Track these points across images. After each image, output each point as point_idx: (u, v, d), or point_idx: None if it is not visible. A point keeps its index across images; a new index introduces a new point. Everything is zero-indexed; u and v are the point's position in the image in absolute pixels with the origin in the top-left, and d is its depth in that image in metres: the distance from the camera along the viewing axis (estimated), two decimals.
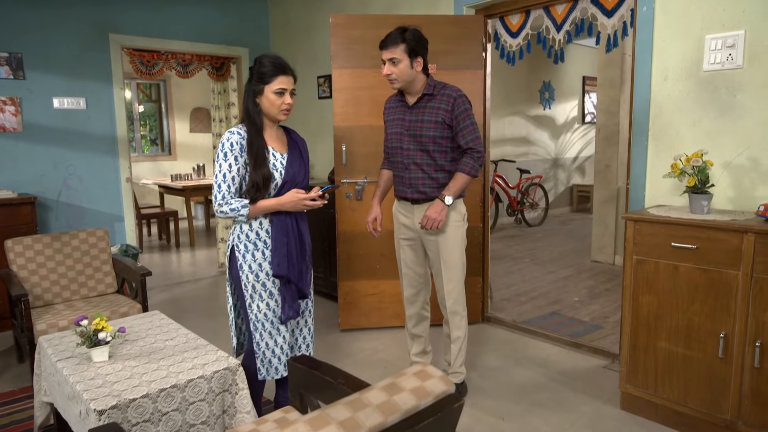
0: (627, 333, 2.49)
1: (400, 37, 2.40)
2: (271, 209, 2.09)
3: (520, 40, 3.45)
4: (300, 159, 2.18)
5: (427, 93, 2.51)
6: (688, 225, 2.23)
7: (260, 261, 2.13)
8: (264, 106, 2.08)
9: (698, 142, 2.55)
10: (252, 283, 2.14)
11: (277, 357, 2.18)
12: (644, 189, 2.76)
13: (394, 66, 2.43)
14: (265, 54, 2.10)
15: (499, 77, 7.22)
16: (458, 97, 2.48)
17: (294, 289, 2.16)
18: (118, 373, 1.95)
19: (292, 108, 2.12)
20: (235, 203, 2.04)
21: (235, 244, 2.14)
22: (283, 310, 2.14)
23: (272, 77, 2.04)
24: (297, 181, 2.14)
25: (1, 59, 3.95)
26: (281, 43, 5.24)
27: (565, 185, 8.84)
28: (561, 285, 4.69)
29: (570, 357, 3.19)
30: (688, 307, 2.27)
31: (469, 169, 2.48)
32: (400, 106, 2.59)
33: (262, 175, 2.03)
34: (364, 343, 3.47)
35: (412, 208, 2.61)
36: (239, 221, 2.11)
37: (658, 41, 2.65)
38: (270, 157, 2.09)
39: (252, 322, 2.16)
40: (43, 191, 4.20)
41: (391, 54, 2.42)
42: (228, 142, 2.04)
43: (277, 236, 2.10)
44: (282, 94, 2.07)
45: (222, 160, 2.03)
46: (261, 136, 2.08)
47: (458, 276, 2.62)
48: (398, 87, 2.50)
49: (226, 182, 2.04)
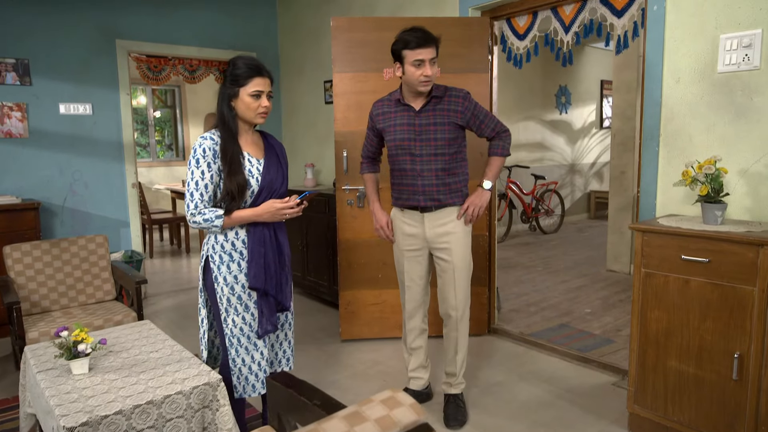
0: (635, 350, 2.34)
1: (435, 37, 2.32)
2: (247, 220, 2.00)
3: (527, 42, 3.33)
4: (277, 164, 2.09)
5: (436, 95, 2.42)
6: (699, 237, 2.09)
7: (236, 273, 2.03)
8: (239, 110, 1.99)
9: (712, 147, 2.40)
10: (227, 296, 2.04)
11: (254, 374, 2.08)
12: (655, 197, 2.61)
13: (434, 66, 2.34)
14: (239, 56, 2.01)
15: (512, 81, 7.08)
16: (466, 95, 2.46)
17: (272, 302, 2.07)
18: (96, 387, 1.89)
19: (269, 111, 2.03)
20: (208, 213, 1.95)
21: (209, 255, 2.05)
22: (260, 324, 2.05)
23: (247, 79, 1.95)
24: (274, 187, 2.05)
25: (8, 65, 3.97)
26: (289, 47, 5.20)
27: (583, 191, 8.63)
28: (573, 295, 4.52)
29: (578, 373, 3.05)
30: (700, 325, 2.13)
31: (500, 151, 2.49)
32: (404, 110, 2.46)
33: (237, 183, 1.93)
34: (365, 354, 3.37)
35: (422, 217, 2.50)
36: (213, 232, 2.02)
37: (669, 41, 2.51)
38: (245, 163, 1.99)
39: (227, 337, 2.06)
40: (49, 197, 4.21)
41: (433, 53, 2.31)
42: (200, 148, 1.94)
43: (253, 247, 2.01)
44: (258, 96, 1.97)
45: (194, 167, 1.94)
46: (236, 142, 1.98)
47: (467, 283, 2.57)
48: (427, 89, 2.38)
49: (198, 190, 1.94)
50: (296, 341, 3.60)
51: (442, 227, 2.48)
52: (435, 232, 2.49)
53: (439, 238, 2.49)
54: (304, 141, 5.15)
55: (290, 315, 2.24)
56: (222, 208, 1.98)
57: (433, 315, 3.47)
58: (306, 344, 3.56)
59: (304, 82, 5.04)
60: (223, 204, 1.99)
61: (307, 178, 4.66)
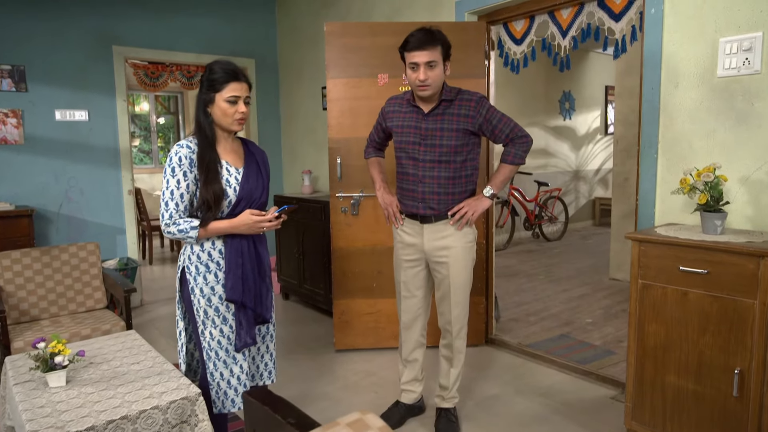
0: (632, 364, 2.26)
1: (437, 39, 2.19)
2: (224, 232, 1.93)
3: (524, 47, 3.27)
4: (257, 173, 2.02)
5: (446, 99, 2.30)
6: (697, 247, 2.01)
7: (212, 284, 1.97)
8: (216, 116, 1.92)
9: (713, 154, 2.32)
10: (204, 308, 1.97)
11: (233, 388, 2.01)
12: (654, 206, 2.53)
13: (431, 70, 2.19)
14: (216, 60, 1.94)
15: (515, 87, 7.02)
16: (479, 99, 2.31)
17: (250, 314, 2.00)
18: (71, 401, 1.83)
19: (246, 117, 1.96)
20: (183, 224, 1.89)
21: (185, 266, 1.99)
22: (238, 337, 1.98)
23: (223, 84, 1.88)
24: (254, 197, 1.98)
25: (3, 72, 3.97)
26: (288, 53, 5.17)
27: (587, 198, 8.53)
28: (575, 305, 4.43)
29: (576, 385, 2.96)
30: (699, 339, 2.04)
31: (512, 158, 2.32)
32: (412, 112, 2.36)
33: (213, 192, 1.87)
34: (358, 365, 3.30)
35: (421, 227, 2.41)
36: (188, 243, 1.96)
37: (667, 45, 2.44)
38: (223, 171, 1.93)
39: (205, 350, 2.00)
40: (44, 204, 4.19)
41: (430, 56, 2.17)
42: (176, 157, 1.88)
43: (230, 257, 1.94)
44: (235, 102, 1.90)
45: (169, 176, 1.88)
46: (213, 149, 1.92)
47: (466, 300, 2.46)
48: (429, 94, 2.26)
49: (173, 200, 1.88)
50: (289, 351, 3.55)
51: (442, 240, 2.37)
52: (434, 245, 2.39)
53: (437, 251, 2.38)
54: (302, 147, 5.11)
55: (272, 327, 2.18)
56: (198, 218, 1.92)
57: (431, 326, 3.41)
58: (299, 354, 3.50)
59: (303, 88, 5.01)
60: (199, 213, 1.92)
61: (304, 184, 4.62)
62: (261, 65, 5.22)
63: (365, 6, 4.18)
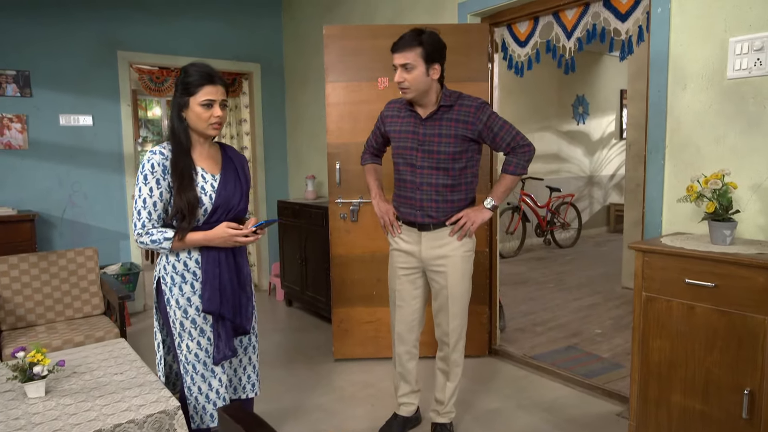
0: (636, 381, 2.14)
1: (416, 40, 2.11)
2: (198, 244, 1.86)
3: (528, 49, 3.17)
4: (235, 180, 1.95)
5: (444, 104, 2.22)
6: (703, 258, 1.89)
7: (189, 295, 1.90)
8: (191, 121, 1.85)
9: (723, 160, 2.20)
10: (180, 320, 1.91)
11: (212, 402, 1.95)
12: (661, 214, 2.42)
13: (407, 72, 2.12)
14: (192, 63, 1.87)
15: (526, 91, 6.90)
16: (480, 105, 2.22)
17: (229, 326, 1.94)
18: (48, 413, 1.78)
19: (223, 121, 1.88)
20: (156, 234, 1.82)
21: (161, 276, 1.93)
22: (217, 349, 1.91)
23: (198, 87, 1.81)
24: (231, 205, 1.91)
25: (8, 77, 3.99)
26: (294, 58, 5.13)
27: (602, 204, 8.35)
28: (584, 314, 4.30)
29: (581, 400, 2.84)
30: (706, 356, 1.92)
31: (513, 168, 2.24)
32: (410, 116, 2.29)
33: (187, 201, 1.79)
34: (357, 375, 3.21)
35: (419, 235, 2.32)
36: (162, 253, 1.90)
37: (675, 46, 2.33)
38: (198, 178, 1.86)
39: (182, 363, 1.93)
40: (48, 208, 4.19)
41: (404, 59, 2.11)
42: (148, 164, 1.81)
43: (207, 268, 1.88)
44: (210, 106, 1.83)
45: (141, 183, 1.81)
46: (187, 156, 1.85)
47: (464, 311, 2.37)
48: (410, 97, 2.20)
49: (146, 209, 1.81)
50: (289, 360, 3.49)
51: (440, 249, 2.29)
52: (431, 254, 2.30)
53: (435, 260, 2.30)
54: (307, 152, 5.06)
55: (254, 338, 2.11)
56: (173, 228, 1.85)
57: (428, 335, 3.31)
58: (297, 363, 3.43)
59: (308, 93, 4.96)
60: (174, 222, 1.86)
61: (307, 190, 4.56)
62: (266, 70, 5.19)
63: (368, 9, 4.12)
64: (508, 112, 6.79)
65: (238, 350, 2.09)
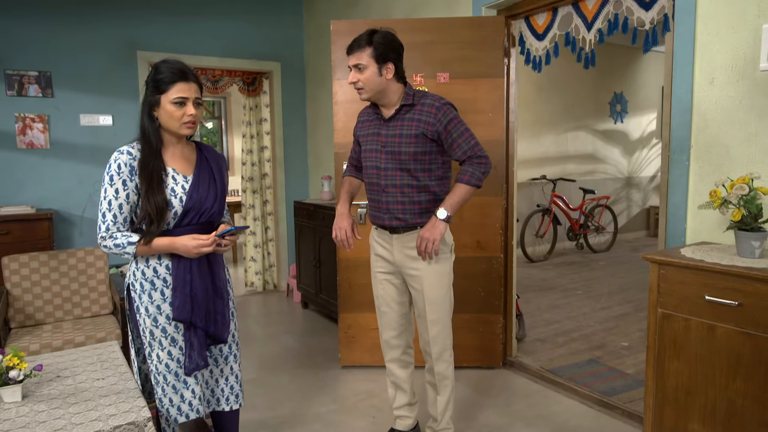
0: (650, 407, 1.94)
1: (366, 41, 2.09)
2: (164, 250, 1.77)
3: (546, 42, 2.97)
4: (209, 181, 1.85)
5: (406, 104, 2.16)
6: (725, 273, 1.68)
7: (158, 303, 1.81)
8: (163, 120, 1.76)
9: (755, 161, 1.97)
10: (150, 329, 1.83)
11: (184, 414, 1.85)
12: (685, 221, 2.19)
13: (360, 73, 2.10)
14: (164, 59, 1.79)
15: (558, 88, 6.62)
16: (441, 106, 2.12)
17: (202, 335, 1.84)
18: (18, 419, 1.73)
19: (197, 120, 1.79)
20: (120, 238, 1.74)
21: (130, 283, 1.85)
22: (189, 359, 1.82)
23: (169, 85, 1.72)
24: (204, 207, 1.82)
25: (30, 78, 4.06)
26: (314, 56, 5.05)
27: (641, 207, 7.94)
28: (612, 325, 4.04)
29: (596, 421, 2.63)
30: (729, 384, 1.71)
31: (468, 178, 2.10)
32: (375, 119, 2.24)
33: (156, 204, 1.71)
34: (361, 384, 3.09)
35: (391, 237, 2.24)
36: (127, 259, 1.82)
37: (701, 36, 2.10)
38: (169, 180, 1.77)
39: (153, 374, 1.85)
40: (68, 207, 4.26)
41: (356, 59, 2.11)
42: (115, 164, 1.72)
43: (178, 274, 1.79)
44: (182, 104, 1.74)
45: (107, 184, 1.73)
46: (157, 156, 1.77)
47: (445, 317, 2.23)
48: (366, 97, 2.15)
49: (111, 211, 1.73)
50: (296, 364, 3.40)
51: (412, 251, 2.18)
52: (404, 255, 2.21)
53: (408, 263, 2.20)
54: (325, 152, 4.98)
55: (234, 346, 2.02)
56: (140, 232, 1.76)
57: None
58: (304, 369, 3.34)
59: (327, 92, 4.87)
60: (143, 227, 1.77)
61: (323, 190, 4.47)
62: (287, 68, 5.13)
63: (385, 4, 4.00)
64: (538, 111, 6.53)
65: (218, 359, 2.00)
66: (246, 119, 5.29)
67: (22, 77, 4.03)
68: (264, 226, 5.31)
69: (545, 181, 6.59)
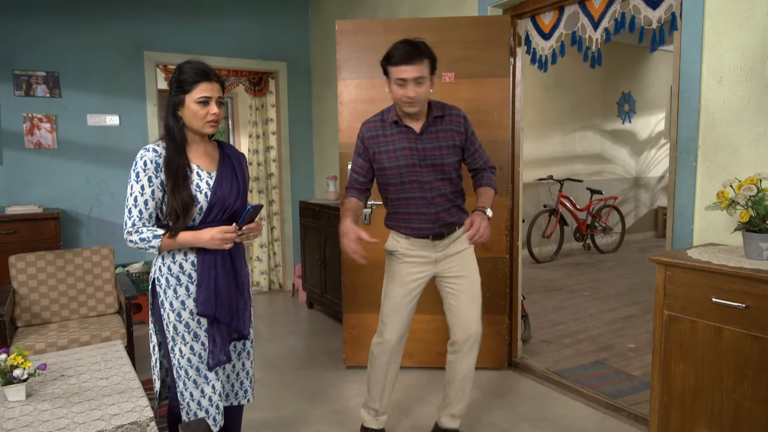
0: (656, 410, 1.92)
1: (424, 52, 2.01)
2: (188, 244, 1.81)
3: (552, 42, 2.95)
4: (232, 177, 1.89)
5: (438, 115, 2.16)
6: (732, 275, 1.65)
7: (183, 298, 1.85)
8: (187, 119, 1.80)
9: (763, 161, 1.94)
10: (173, 324, 1.85)
11: (204, 409, 1.88)
12: (692, 222, 2.17)
13: (420, 87, 2.01)
14: (187, 60, 1.83)
15: (565, 87, 6.58)
16: (466, 116, 2.24)
17: (224, 330, 1.87)
18: (22, 418, 1.74)
19: (220, 118, 1.83)
20: (146, 232, 1.77)
21: (156, 278, 1.88)
22: (211, 354, 1.85)
23: (193, 85, 1.76)
24: (228, 203, 1.85)
25: (38, 78, 4.08)
26: (320, 56, 5.05)
27: (649, 207, 7.88)
28: (618, 326, 4.01)
29: (602, 423, 2.60)
30: (736, 387, 1.68)
31: (494, 184, 2.29)
32: (401, 132, 2.15)
33: (181, 200, 1.74)
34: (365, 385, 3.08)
35: (434, 244, 2.26)
36: (151, 253, 1.84)
37: (709, 34, 2.07)
38: (194, 176, 1.81)
39: (175, 368, 1.88)
40: (76, 207, 4.28)
41: (418, 72, 1.99)
42: (141, 161, 1.77)
43: (203, 269, 1.82)
44: (206, 103, 1.78)
45: (133, 181, 1.77)
46: (182, 154, 1.80)
47: (481, 297, 2.33)
48: (416, 111, 2.09)
49: (137, 207, 1.77)
50: (300, 365, 3.40)
51: (454, 246, 2.28)
52: (446, 253, 2.27)
53: (450, 258, 2.28)
54: (331, 152, 4.97)
55: (249, 343, 2.05)
56: (167, 228, 1.80)
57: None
58: (308, 369, 3.33)
59: (332, 92, 4.87)
60: (169, 222, 1.81)
61: (329, 190, 4.47)
62: (293, 68, 5.13)
63: (390, 5, 3.99)
64: (546, 110, 6.50)
65: (235, 355, 2.02)
66: (252, 119, 5.30)
67: (30, 77, 4.06)
68: (270, 226, 5.32)
69: (552, 182, 6.56)
